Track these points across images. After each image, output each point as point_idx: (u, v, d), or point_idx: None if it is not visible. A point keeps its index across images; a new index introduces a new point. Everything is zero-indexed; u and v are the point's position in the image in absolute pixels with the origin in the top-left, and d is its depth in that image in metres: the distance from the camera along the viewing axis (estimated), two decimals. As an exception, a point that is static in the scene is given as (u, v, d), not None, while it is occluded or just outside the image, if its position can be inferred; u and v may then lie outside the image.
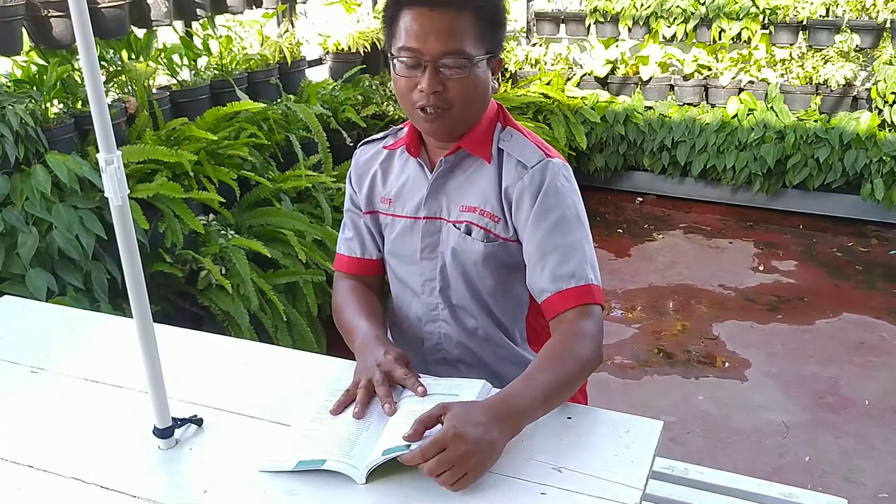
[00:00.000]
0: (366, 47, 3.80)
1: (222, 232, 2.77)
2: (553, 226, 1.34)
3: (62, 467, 1.17)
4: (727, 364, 3.11)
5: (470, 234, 1.41)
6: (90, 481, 1.14)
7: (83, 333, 1.58)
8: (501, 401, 1.16)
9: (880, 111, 4.27)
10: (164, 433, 1.20)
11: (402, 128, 1.52)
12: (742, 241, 4.32)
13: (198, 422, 1.26)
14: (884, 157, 4.13)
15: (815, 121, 4.39)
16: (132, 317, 1.18)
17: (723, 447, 2.58)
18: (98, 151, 1.07)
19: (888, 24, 4.35)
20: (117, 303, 2.54)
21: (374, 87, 3.87)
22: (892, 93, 4.11)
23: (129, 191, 1.11)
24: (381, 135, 1.56)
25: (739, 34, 4.58)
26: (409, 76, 1.32)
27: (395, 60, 1.34)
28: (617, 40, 5.08)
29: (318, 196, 3.16)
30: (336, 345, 3.17)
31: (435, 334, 1.50)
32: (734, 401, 2.85)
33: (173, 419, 1.22)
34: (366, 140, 1.58)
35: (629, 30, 4.93)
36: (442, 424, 1.10)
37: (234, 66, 3.19)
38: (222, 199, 2.71)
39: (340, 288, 1.55)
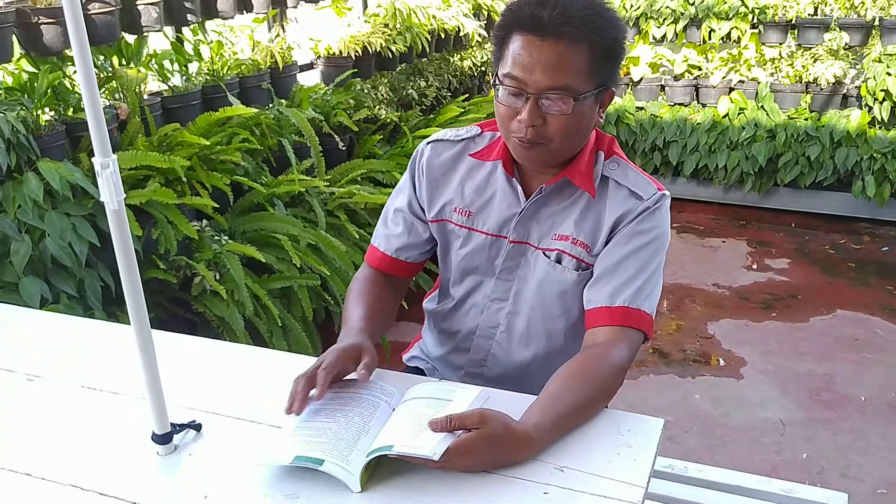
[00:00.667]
0: (357, 51, 3.80)
1: (216, 237, 2.76)
2: (634, 251, 1.32)
3: (60, 475, 1.15)
4: (723, 362, 3.12)
5: (560, 263, 1.39)
6: (89, 488, 1.13)
7: (79, 341, 1.57)
8: (531, 432, 1.13)
9: (870, 108, 4.30)
10: (162, 439, 1.20)
11: (481, 132, 1.47)
12: (735, 239, 4.33)
13: (196, 427, 1.25)
14: (874, 155, 4.16)
15: (806, 119, 4.41)
16: (127, 324, 1.17)
17: (721, 445, 2.58)
18: (90, 157, 1.07)
19: (877, 22, 4.38)
20: (111, 310, 2.52)
21: (365, 91, 3.86)
22: (882, 90, 4.13)
23: (124, 195, 1.11)
24: (454, 134, 1.49)
25: (729, 34, 4.60)
26: (511, 105, 1.28)
27: (499, 86, 1.29)
28: (607, 41, 5.09)
29: (311, 200, 3.15)
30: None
31: (484, 350, 1.49)
32: (731, 399, 2.86)
33: (172, 425, 1.21)
34: (436, 138, 1.50)
35: (619, 31, 4.94)
36: (471, 430, 1.09)
37: (225, 72, 3.18)
38: (216, 205, 2.70)
39: (362, 275, 1.52)
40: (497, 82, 1.30)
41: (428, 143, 1.50)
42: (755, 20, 4.58)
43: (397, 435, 1.10)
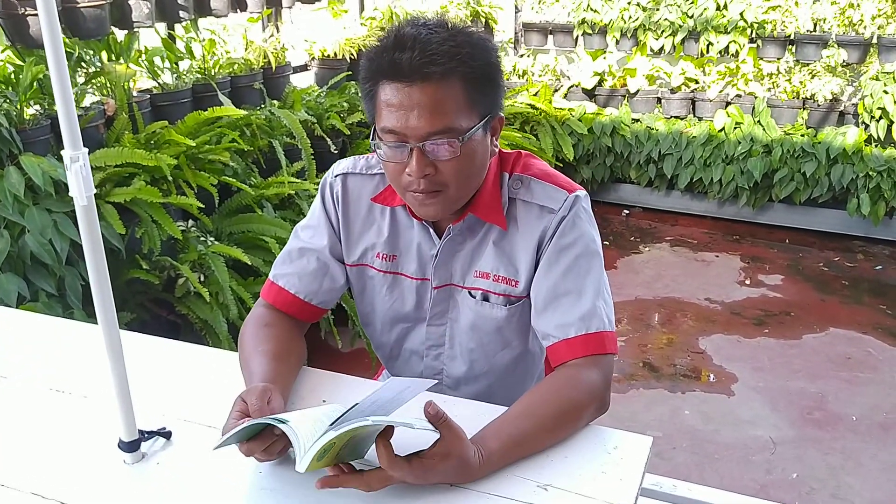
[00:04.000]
0: (352, 54, 3.76)
1: (201, 238, 2.71)
2: (568, 268, 1.26)
3: (21, 482, 1.10)
4: (714, 378, 3.08)
5: (488, 301, 1.33)
6: (50, 497, 1.07)
7: (53, 341, 1.52)
8: (481, 465, 1.06)
9: (867, 126, 4.28)
10: (130, 447, 1.14)
11: None
12: (728, 254, 4.30)
13: (166, 435, 1.20)
14: (870, 173, 4.14)
15: (802, 135, 4.39)
16: None
17: (710, 462, 2.54)
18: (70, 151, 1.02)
19: (875, 40, 4.37)
20: (91, 310, 2.45)
21: (360, 95, 3.83)
22: (879, 108, 4.12)
23: (94, 190, 1.06)
24: (364, 166, 1.37)
25: (727, 48, 4.58)
26: (396, 159, 1.19)
27: (378, 141, 1.20)
28: (605, 52, 5.07)
29: (301, 203, 3.11)
30: (316, 356, 3.11)
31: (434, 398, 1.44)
32: (721, 416, 2.81)
33: (140, 432, 1.16)
34: (346, 171, 1.38)
35: (617, 42, 4.93)
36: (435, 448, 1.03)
37: (217, 70, 3.14)
38: (201, 205, 2.65)
39: (264, 319, 1.35)
40: (376, 138, 1.21)
41: (336, 177, 1.38)
42: (753, 34, 4.56)
43: (375, 417, 1.01)
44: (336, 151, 3.44)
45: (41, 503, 1.07)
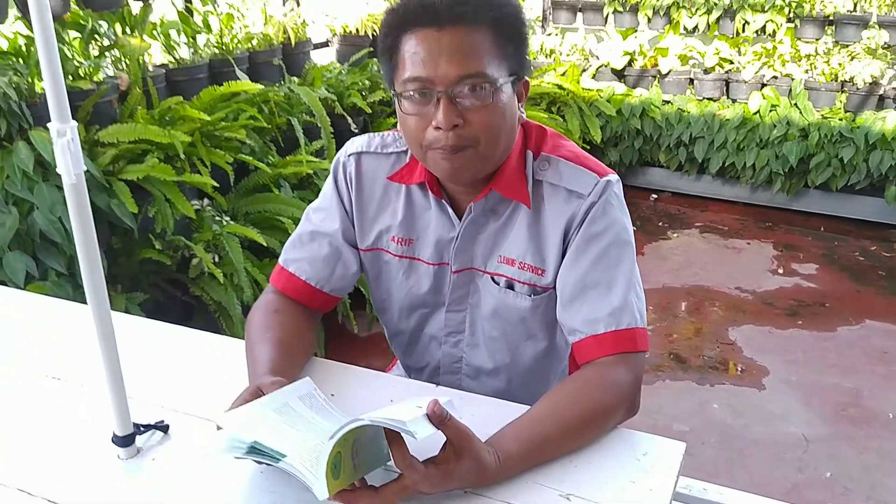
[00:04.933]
0: (374, 30, 3.66)
1: (216, 218, 2.64)
2: (597, 257, 1.16)
3: (7, 477, 1.03)
4: (744, 371, 2.96)
5: (512, 289, 1.24)
6: (37, 494, 1.00)
7: (55, 325, 1.45)
8: (499, 469, 0.98)
9: (908, 111, 4.11)
10: (124, 441, 1.07)
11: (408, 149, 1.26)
12: (760, 242, 4.16)
13: (163, 428, 1.12)
14: (911, 159, 3.97)
15: (840, 119, 4.22)
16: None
17: (739, 459, 2.43)
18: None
19: (920, 20, 4.18)
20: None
21: (381, 73, 3.73)
22: (923, 91, 3.94)
23: (84, 167, 0.97)
24: (380, 145, 1.28)
25: (764, 27, 4.42)
26: (419, 112, 1.09)
27: (400, 97, 1.11)
28: (635, 31, 4.92)
29: (319, 183, 3.02)
30: (333, 341, 3.05)
31: (454, 386, 1.34)
32: (751, 410, 2.70)
33: (135, 425, 1.08)
34: (360, 149, 1.29)
35: (649, 20, 4.77)
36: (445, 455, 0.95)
37: (234, 45, 3.05)
38: (216, 184, 2.58)
39: (272, 305, 1.27)
40: (397, 95, 1.12)
41: (350, 156, 1.29)
42: (791, 14, 4.39)
43: (368, 415, 0.92)
44: (357, 130, 3.35)
45: (28, 501, 1.00)
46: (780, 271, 3.82)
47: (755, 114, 4.39)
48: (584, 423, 1.07)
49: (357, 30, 3.66)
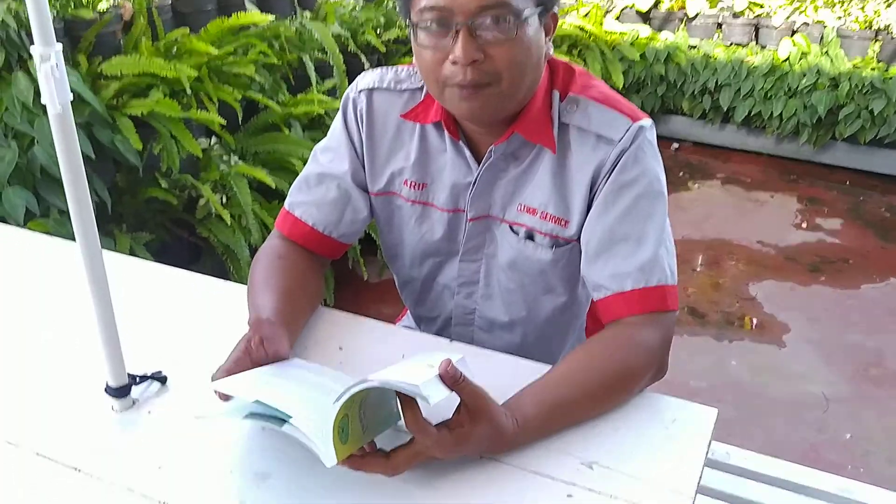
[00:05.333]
0: (391, -37, 3.50)
1: (224, 157, 2.55)
2: (627, 209, 1.07)
3: (-7, 428, 0.98)
4: (764, 328, 2.88)
5: (532, 240, 1.15)
6: (26, 447, 0.95)
7: (55, 265, 1.37)
8: (517, 433, 0.91)
9: (947, 61, 3.93)
10: (118, 392, 1.01)
11: (423, 86, 1.16)
12: (784, 195, 4.04)
13: (161, 379, 1.06)
14: (945, 112, 3.81)
15: (873, 69, 4.04)
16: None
17: (757, 419, 2.37)
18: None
19: (965, -35, 3.97)
20: (108, 229, 2.35)
21: (397, 9, 3.58)
22: (964, 41, 3.76)
23: (71, 96, 0.89)
24: (393, 80, 1.18)
25: (798, -30, 4.21)
26: (437, 45, 1.00)
27: (416, 29, 1.02)
28: (663, -29, 4.71)
29: (331, 123, 2.92)
30: (343, 287, 2.98)
31: (466, 338, 1.27)
32: (770, 368, 2.63)
33: (130, 376, 1.02)
34: (372, 85, 1.19)
35: (677, -40, 4.56)
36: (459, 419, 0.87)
37: (245, -24, 2.91)
38: (223, 122, 2.48)
39: (277, 251, 1.20)
40: (413, 27, 1.02)
41: (360, 92, 1.19)
42: (828, -44, 4.18)
43: (378, 376, 0.84)
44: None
45: (14, 453, 0.94)
46: (804, 226, 3.71)
47: (784, 61, 4.21)
48: (609, 387, 1.00)
49: (373, -37, 3.50)
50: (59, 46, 0.86)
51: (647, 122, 1.09)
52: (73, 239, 0.96)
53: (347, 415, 0.82)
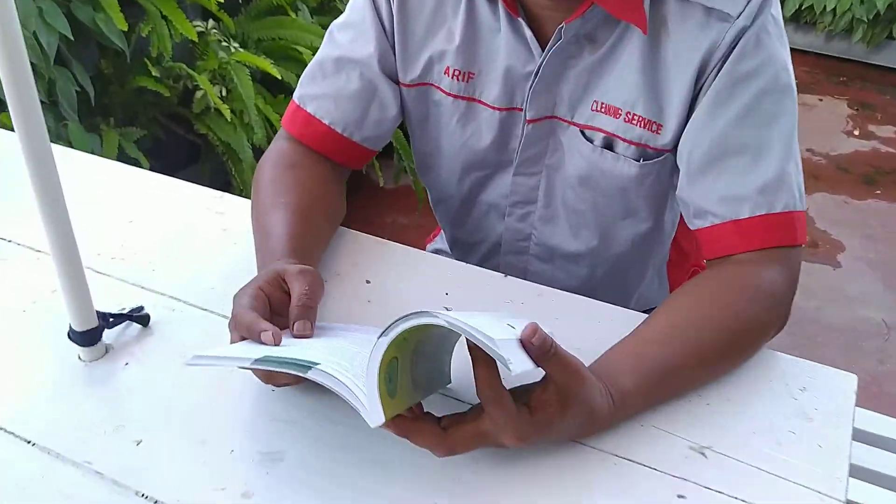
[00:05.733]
0: None
1: (223, 44, 2.25)
2: (746, 110, 0.81)
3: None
4: (817, 245, 2.64)
5: (612, 150, 0.89)
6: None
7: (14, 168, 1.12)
8: (615, 412, 0.69)
9: None
10: (85, 338, 0.77)
11: None
12: (834, 98, 3.71)
13: (142, 319, 0.83)
14: None
15: (944, -42, 3.65)
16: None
17: (811, 346, 2.16)
18: None
19: None
20: (93, 122, 2.08)
21: None
22: None
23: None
24: None
25: None
26: None
27: None
28: None
29: (342, 7, 2.59)
30: (354, 193, 2.71)
31: (518, 270, 1.03)
32: (825, 291, 2.40)
33: (100, 315, 0.78)
34: None
35: None
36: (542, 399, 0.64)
37: None
38: (221, 0, 2.17)
39: (285, 158, 0.95)
40: None
41: None
42: None
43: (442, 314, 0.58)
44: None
45: (-50, 419, 0.72)
46: (856, 133, 3.40)
47: (844, -52, 3.80)
48: (727, 347, 0.77)
49: None
50: None
51: None
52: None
53: (397, 357, 0.58)
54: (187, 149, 2.40)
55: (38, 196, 0.69)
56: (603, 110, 0.88)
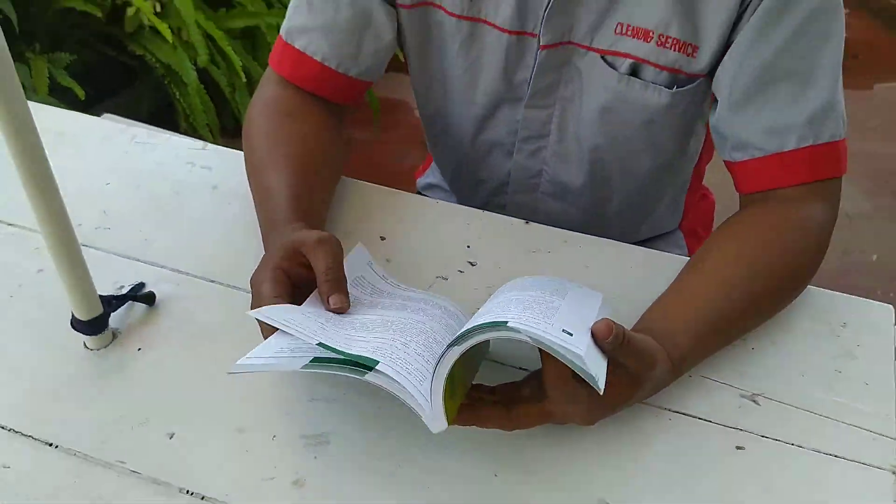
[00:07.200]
0: None
1: (153, -47, 2.06)
2: (796, 32, 0.75)
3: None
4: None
5: (638, 76, 0.82)
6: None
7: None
8: (671, 377, 0.67)
9: None
10: (90, 327, 0.71)
11: None
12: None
13: (147, 298, 0.76)
14: None
15: None
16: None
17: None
18: None
19: None
20: (19, 50, 1.90)
21: None
22: None
23: None
24: None
25: None
26: None
27: None
28: None
29: None
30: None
31: (527, 208, 0.97)
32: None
33: (104, 299, 0.71)
34: None
35: None
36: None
37: None
38: None
39: (279, 104, 0.87)
40: None
41: None
42: None
43: (512, 314, 0.56)
44: None
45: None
46: None
47: None
48: (779, 291, 0.75)
49: None
50: None
51: None
52: None
53: (456, 362, 0.55)
54: (121, 72, 2.24)
55: (21, 168, 0.59)
56: (630, 33, 0.81)
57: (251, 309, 0.61)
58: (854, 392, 0.70)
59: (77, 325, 0.71)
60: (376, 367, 0.54)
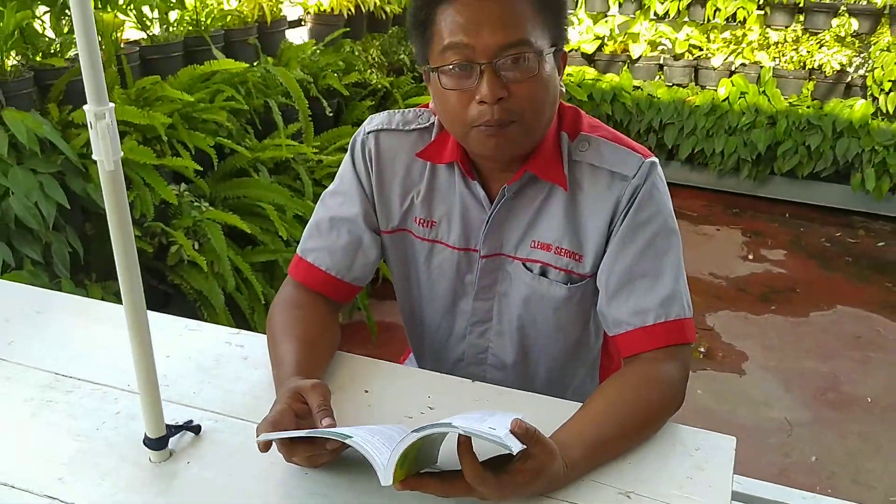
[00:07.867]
0: (349, 10, 3.57)
1: (195, 203, 2.54)
2: (645, 246, 1.12)
3: (34, 483, 0.96)
4: (724, 356, 3.00)
5: (546, 276, 1.19)
6: (68, 501, 0.94)
7: (51, 317, 1.36)
8: (567, 473, 0.95)
9: (875, 99, 4.19)
10: (157, 444, 1.01)
11: (431, 121, 1.22)
12: (729, 228, 4.22)
13: (194, 429, 1.06)
14: (876, 147, 4.06)
15: (808, 107, 4.30)
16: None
17: (727, 445, 2.45)
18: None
19: (888, 10, 4.25)
20: (79, 278, 2.30)
21: (356, 54, 3.64)
22: (890, 80, 4.03)
23: (122, 153, 0.91)
24: (400, 121, 1.23)
25: (734, 14, 4.45)
26: (461, 86, 1.05)
27: (437, 73, 1.06)
28: (606, 15, 4.91)
29: (297, 168, 2.94)
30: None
31: (479, 378, 1.29)
32: (734, 396, 2.74)
33: (168, 427, 1.02)
34: (380, 126, 1.23)
35: (620, 4, 4.77)
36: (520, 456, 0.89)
37: (209, 23, 2.93)
38: (199, 167, 2.48)
39: (294, 300, 1.23)
40: (432, 70, 1.07)
41: (369, 133, 1.24)
42: (762, 1, 4.42)
43: (458, 421, 0.88)
44: (331, 114, 3.27)
45: (56, 510, 0.93)
46: (751, 257, 3.88)
47: (724, 101, 4.43)
48: (642, 423, 1.05)
49: (331, 8, 3.55)
50: (112, 105, 0.87)
51: (655, 159, 1.16)
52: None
53: (416, 445, 0.85)
54: (159, 297, 2.63)
55: (136, 352, 0.95)
56: (539, 247, 1.19)
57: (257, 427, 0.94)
58: (700, 492, 0.98)
59: (148, 442, 1.01)
60: (352, 438, 0.85)
